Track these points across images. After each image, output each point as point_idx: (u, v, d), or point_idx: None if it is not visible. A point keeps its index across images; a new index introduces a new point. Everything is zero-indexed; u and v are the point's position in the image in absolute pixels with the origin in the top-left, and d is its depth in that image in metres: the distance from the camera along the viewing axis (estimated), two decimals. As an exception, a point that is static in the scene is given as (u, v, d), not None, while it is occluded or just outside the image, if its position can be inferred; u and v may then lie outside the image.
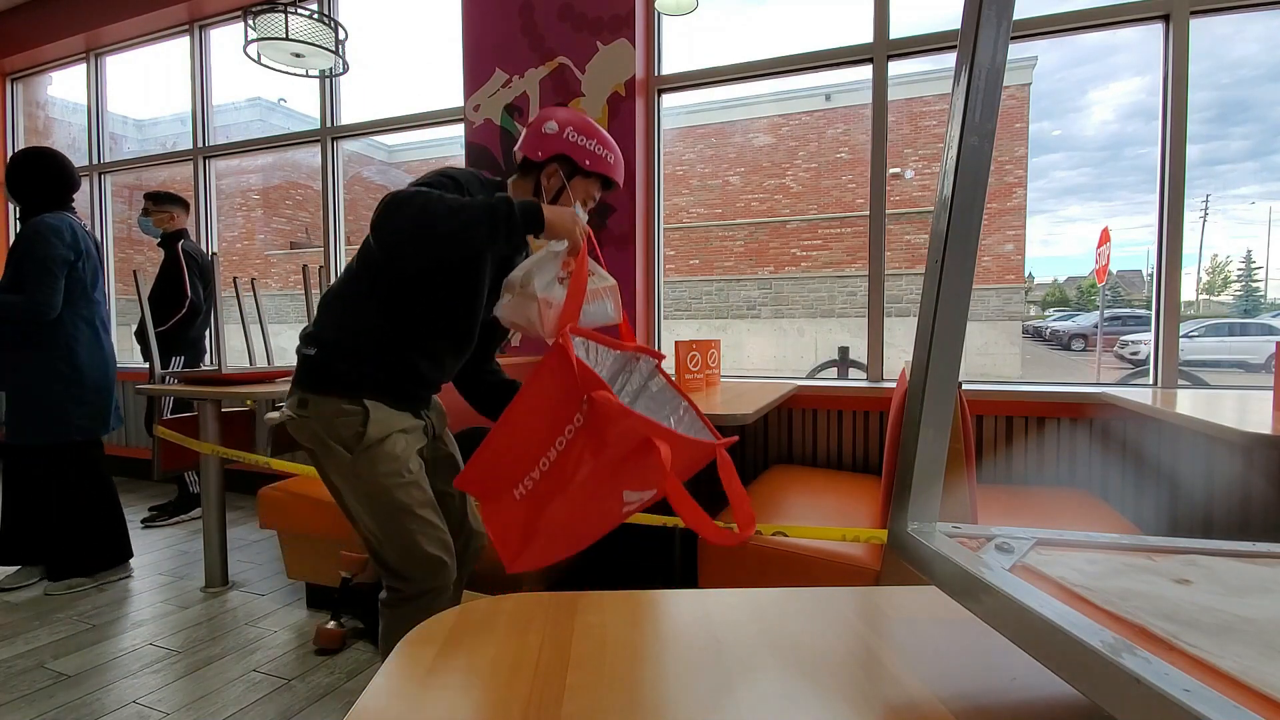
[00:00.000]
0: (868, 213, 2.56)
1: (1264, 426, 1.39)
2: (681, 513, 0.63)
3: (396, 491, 1.26)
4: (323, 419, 1.24)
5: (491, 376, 1.53)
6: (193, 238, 4.05)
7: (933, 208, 0.44)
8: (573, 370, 0.68)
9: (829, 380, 2.79)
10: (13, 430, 2.24)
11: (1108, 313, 14.75)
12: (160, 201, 3.12)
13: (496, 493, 0.74)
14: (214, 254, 2.55)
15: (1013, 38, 0.83)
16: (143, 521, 3.10)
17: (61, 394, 2.24)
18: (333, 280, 3.42)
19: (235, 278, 2.84)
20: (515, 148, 1.36)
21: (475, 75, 2.95)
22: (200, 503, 2.70)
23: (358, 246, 1.32)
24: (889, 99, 2.52)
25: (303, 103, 16.10)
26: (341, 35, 2.73)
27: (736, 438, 0.93)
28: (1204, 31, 2.20)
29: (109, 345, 2.41)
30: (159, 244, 3.18)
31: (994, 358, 10.59)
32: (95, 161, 4.33)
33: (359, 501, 1.28)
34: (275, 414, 1.26)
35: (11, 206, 4.67)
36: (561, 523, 0.71)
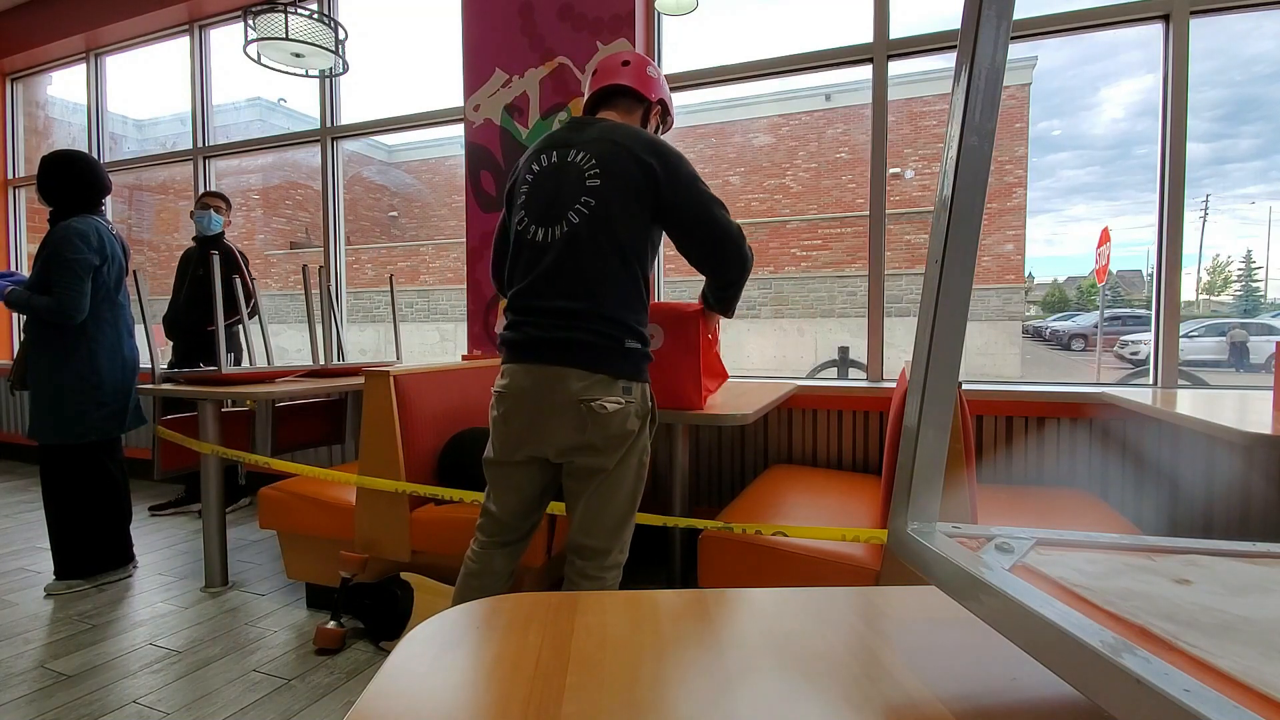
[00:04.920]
0: (868, 213, 2.56)
1: (1264, 426, 1.39)
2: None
3: None
4: (643, 401, 1.39)
5: None
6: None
7: (933, 208, 0.44)
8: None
9: (829, 380, 2.79)
10: (34, 429, 2.26)
11: (1108, 313, 14.76)
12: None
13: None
14: (214, 253, 2.54)
15: (1013, 38, 0.83)
16: (150, 509, 3.22)
17: (82, 395, 2.25)
18: (333, 275, 3.38)
19: (235, 277, 2.83)
20: (616, 75, 1.49)
21: (475, 75, 2.95)
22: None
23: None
24: (889, 99, 2.52)
25: (303, 103, 16.13)
26: (341, 35, 2.72)
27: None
28: (1220, 28, 2.21)
29: (131, 348, 2.43)
30: (197, 239, 3.20)
31: (994, 358, 10.58)
32: (95, 161, 4.34)
33: (640, 477, 1.42)
34: (611, 404, 1.32)
35: (12, 204, 4.68)
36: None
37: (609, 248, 1.34)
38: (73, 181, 2.28)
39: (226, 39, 3.86)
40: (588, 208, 1.34)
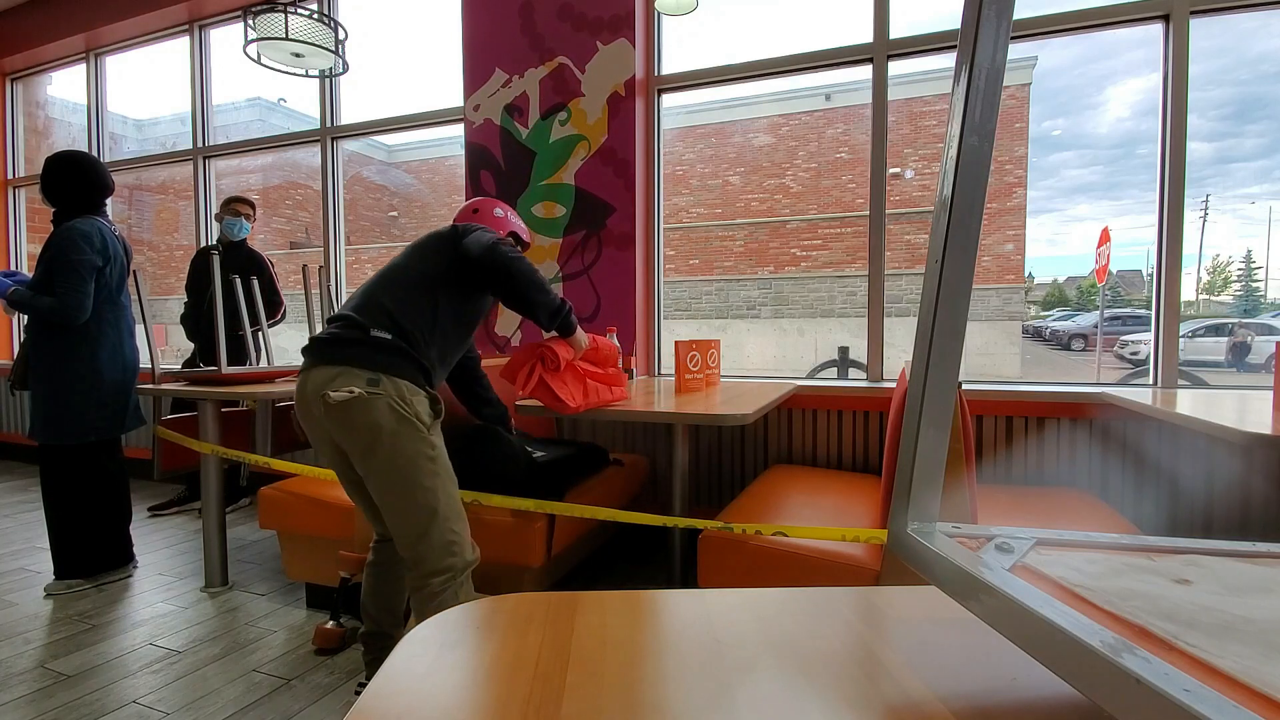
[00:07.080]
0: (868, 213, 2.56)
1: (1264, 426, 1.39)
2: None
3: (450, 468, 1.44)
4: (398, 395, 1.35)
5: (478, 378, 1.93)
6: (193, 237, 4.05)
7: (933, 208, 0.44)
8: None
9: (829, 380, 2.79)
10: (34, 429, 2.26)
11: (1108, 313, 14.75)
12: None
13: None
14: (215, 253, 2.54)
15: (1013, 38, 0.83)
16: (149, 510, 3.22)
17: (82, 396, 2.25)
18: (333, 275, 3.39)
19: (234, 277, 2.83)
20: (465, 219, 1.70)
21: (475, 75, 2.95)
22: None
23: (391, 245, 1.48)
24: (889, 99, 2.52)
25: (303, 103, 16.10)
26: (341, 35, 2.72)
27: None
28: (1226, 27, 2.21)
29: (131, 348, 2.43)
30: (218, 246, 3.21)
31: (994, 358, 10.58)
32: (95, 161, 4.33)
33: (430, 475, 1.38)
34: (342, 394, 1.31)
35: (12, 204, 4.68)
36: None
37: (404, 266, 1.49)
38: (76, 182, 2.29)
39: (226, 39, 3.86)
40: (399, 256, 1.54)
